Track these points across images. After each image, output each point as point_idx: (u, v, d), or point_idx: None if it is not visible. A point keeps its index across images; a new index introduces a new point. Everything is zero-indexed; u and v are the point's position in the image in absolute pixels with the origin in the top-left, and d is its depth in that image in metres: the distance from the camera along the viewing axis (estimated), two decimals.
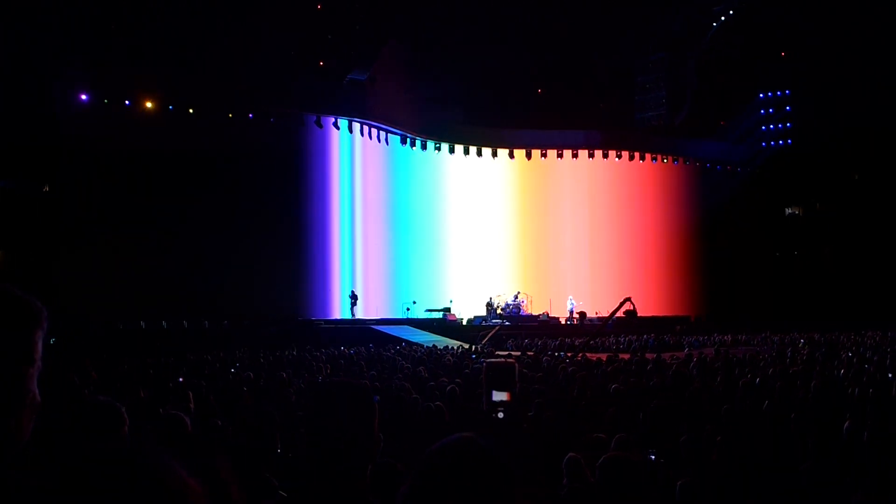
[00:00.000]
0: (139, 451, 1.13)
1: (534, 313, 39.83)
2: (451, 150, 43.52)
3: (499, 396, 8.44)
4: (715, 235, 47.09)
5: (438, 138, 42.78)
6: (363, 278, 38.21)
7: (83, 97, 29.68)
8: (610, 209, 46.08)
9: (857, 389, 10.52)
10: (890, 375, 13.19)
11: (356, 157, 38.78)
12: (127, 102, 30.59)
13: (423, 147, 42.34)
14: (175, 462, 1.14)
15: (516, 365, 9.40)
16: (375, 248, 39.69)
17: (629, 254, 45.58)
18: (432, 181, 43.06)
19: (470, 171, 44.71)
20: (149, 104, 30.92)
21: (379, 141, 39.93)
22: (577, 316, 38.16)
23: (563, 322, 38.16)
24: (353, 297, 35.77)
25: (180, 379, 13.30)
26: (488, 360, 10.86)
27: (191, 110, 31.53)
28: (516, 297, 39.40)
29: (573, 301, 39.17)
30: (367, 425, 2.28)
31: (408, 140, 41.35)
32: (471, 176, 44.72)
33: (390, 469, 4.21)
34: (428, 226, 42.49)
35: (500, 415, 8.35)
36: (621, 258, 45.31)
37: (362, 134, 38.57)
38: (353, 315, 35.19)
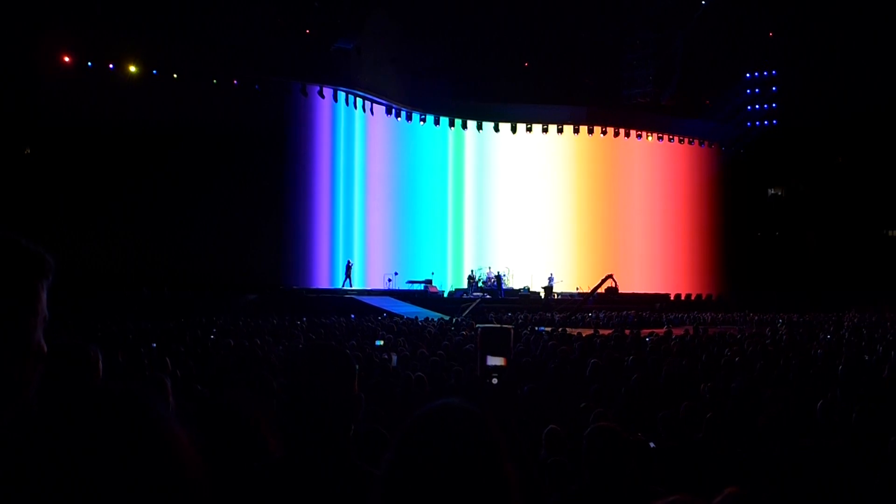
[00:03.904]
0: (129, 391, 1.12)
1: (515, 287, 39.92)
2: (437, 123, 43.38)
3: (494, 361, 8.40)
4: (697, 214, 47.29)
5: (424, 110, 42.61)
6: (344, 249, 38.12)
7: (66, 59, 29.34)
8: (594, 185, 46.11)
9: (839, 368, 10.60)
10: (866, 357, 13.31)
11: (341, 127, 38.58)
12: (111, 66, 30.25)
13: (409, 118, 42.16)
14: (164, 408, 1.13)
15: (512, 330, 9.37)
16: (360, 218, 39.61)
17: (611, 230, 45.71)
18: (418, 153, 42.93)
19: (455, 144, 44.66)
20: (132, 68, 30.60)
21: (364, 111, 39.76)
22: (543, 292, 38.15)
23: (542, 297, 38.22)
24: (349, 267, 35.81)
25: (153, 345, 13.27)
26: (483, 325, 10.85)
27: (175, 75, 31.25)
28: (498, 272, 39.41)
29: (552, 277, 39.24)
30: (345, 386, 2.27)
31: (393, 111, 41.19)
32: (456, 148, 44.68)
33: (374, 434, 4.21)
34: (412, 197, 42.39)
35: (495, 380, 8.31)
36: (604, 234, 45.43)
37: (347, 103, 38.39)
38: (350, 285, 35.24)
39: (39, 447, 1.04)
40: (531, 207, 45.06)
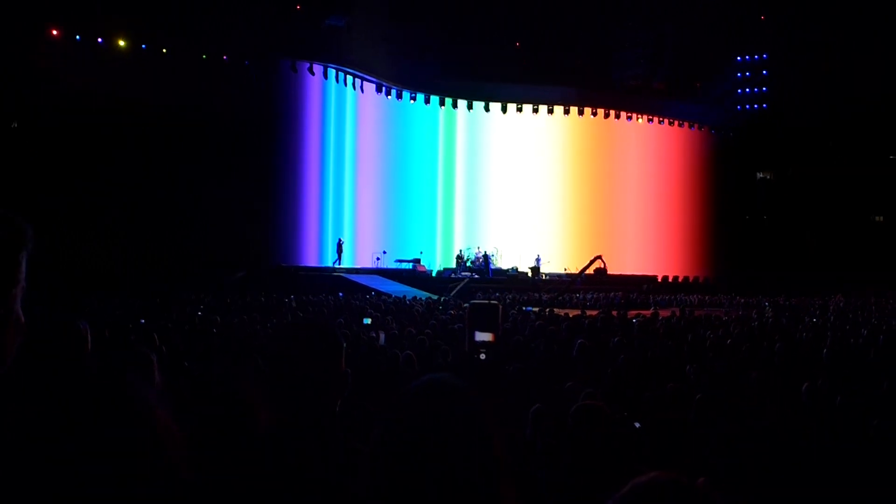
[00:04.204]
0: (113, 375, 1.11)
1: (503, 268, 39.97)
2: (427, 101, 43.26)
3: (482, 337, 8.39)
4: (686, 197, 47.40)
5: (414, 89, 42.47)
6: (334, 227, 38.07)
7: (54, 32, 29.09)
8: (584, 167, 46.10)
9: (823, 350, 10.68)
10: (851, 341, 13.39)
11: (331, 105, 38.43)
12: (99, 40, 30.02)
13: (399, 97, 42.03)
14: (147, 390, 1.13)
15: (500, 306, 9.37)
16: (350, 196, 39.55)
17: (600, 212, 45.74)
18: (408, 131, 42.84)
19: (446, 123, 44.61)
20: (121, 43, 30.38)
21: (354, 89, 39.61)
22: (529, 272, 38.23)
23: (529, 277, 38.23)
24: (340, 246, 35.84)
25: (142, 321, 13.26)
26: (472, 301, 10.83)
27: (164, 50, 31.06)
28: (485, 252, 39.41)
29: (540, 259, 39.29)
30: (332, 362, 2.27)
31: (383, 89, 41.06)
32: (447, 128, 44.63)
33: (361, 411, 4.22)
34: (402, 176, 42.32)
35: (483, 356, 8.31)
36: (593, 216, 45.47)
37: (337, 81, 38.24)
38: (340, 263, 35.26)
39: (18, 425, 1.04)
40: (521, 188, 45.03)
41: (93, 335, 3.23)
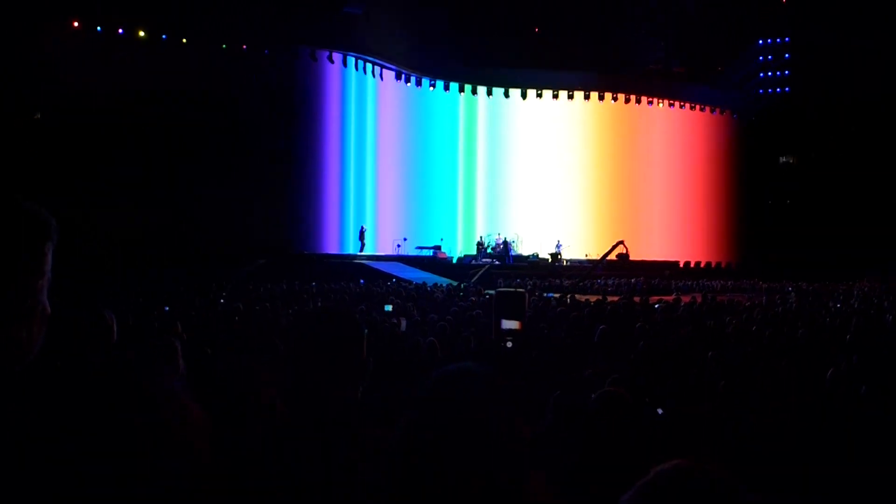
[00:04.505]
0: (137, 368, 1.12)
1: (524, 254, 39.93)
2: (446, 88, 43.20)
3: (509, 325, 8.38)
4: (708, 181, 47.15)
5: (433, 76, 42.44)
6: (356, 214, 38.16)
7: (75, 24, 29.24)
8: (604, 152, 45.93)
9: (846, 336, 10.60)
10: (876, 327, 13.28)
11: (351, 92, 38.47)
12: (120, 31, 30.15)
13: (418, 84, 41.99)
14: (172, 379, 1.13)
15: (526, 294, 9.34)
16: (371, 184, 39.61)
17: (622, 197, 45.59)
18: (429, 118, 42.81)
19: (467, 110, 44.55)
20: (141, 33, 30.51)
21: (373, 76, 39.61)
22: (550, 258, 38.20)
23: (551, 263, 38.17)
24: (362, 233, 35.97)
25: (166, 308, 13.33)
26: (498, 290, 10.82)
27: (184, 40, 31.17)
28: (506, 238, 39.36)
29: (560, 245, 39.23)
30: (353, 349, 2.28)
31: (402, 76, 41.04)
32: (468, 114, 44.57)
33: (384, 398, 4.23)
34: (423, 163, 42.31)
35: (509, 344, 8.30)
36: (614, 201, 45.33)
37: (357, 69, 38.25)
38: (362, 250, 35.39)
39: (44, 417, 1.04)
40: (542, 174, 44.94)
41: (118, 324, 3.26)
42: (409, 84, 41.55)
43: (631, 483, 1.26)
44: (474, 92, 44.19)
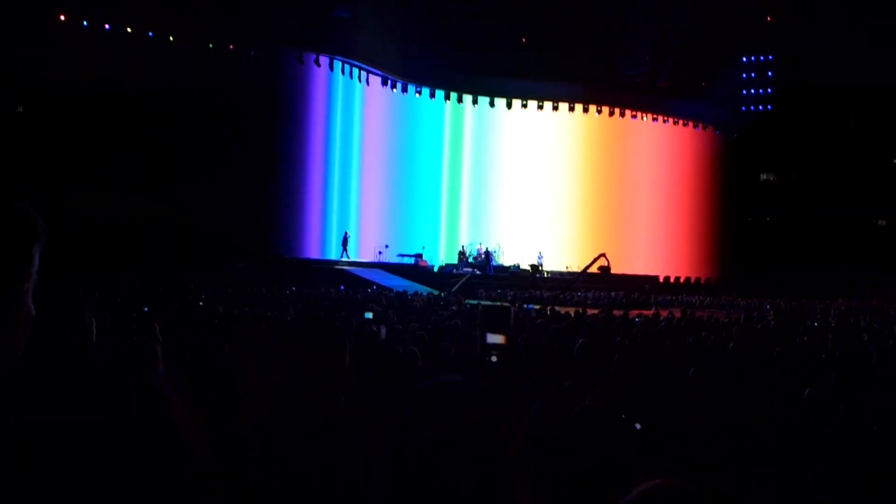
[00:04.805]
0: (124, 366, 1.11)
1: (505, 264, 39.96)
2: (432, 96, 43.24)
3: (494, 339, 8.40)
4: (690, 196, 47.38)
5: (420, 82, 42.47)
6: (339, 219, 38.11)
7: (61, 17, 29.09)
8: (588, 164, 46.07)
9: (822, 355, 10.67)
10: (852, 346, 13.37)
11: (337, 97, 38.47)
12: (107, 26, 30.01)
13: (405, 90, 42.01)
14: (160, 378, 1.12)
15: (512, 308, 9.36)
16: (354, 189, 39.58)
17: (603, 210, 45.69)
18: (414, 125, 42.83)
19: (453, 119, 44.61)
20: (129, 29, 30.38)
21: (360, 81, 39.61)
22: (530, 269, 38.23)
23: (530, 274, 38.23)
24: (346, 239, 35.92)
25: (144, 308, 13.25)
26: (484, 303, 10.87)
27: (171, 38, 31.07)
28: (487, 248, 39.36)
29: (542, 256, 39.31)
30: (336, 357, 2.28)
31: (389, 82, 41.05)
32: (454, 123, 44.63)
33: (365, 406, 4.23)
34: (407, 170, 42.31)
35: (494, 358, 8.32)
36: (596, 214, 45.44)
37: (343, 73, 38.25)
38: (347, 256, 35.32)
39: (33, 419, 1.03)
40: (526, 184, 45.01)
41: (97, 325, 3.23)
42: (395, 90, 41.57)
43: (611, 497, 1.26)
44: (460, 100, 44.29)
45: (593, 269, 30.14)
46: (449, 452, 1.41)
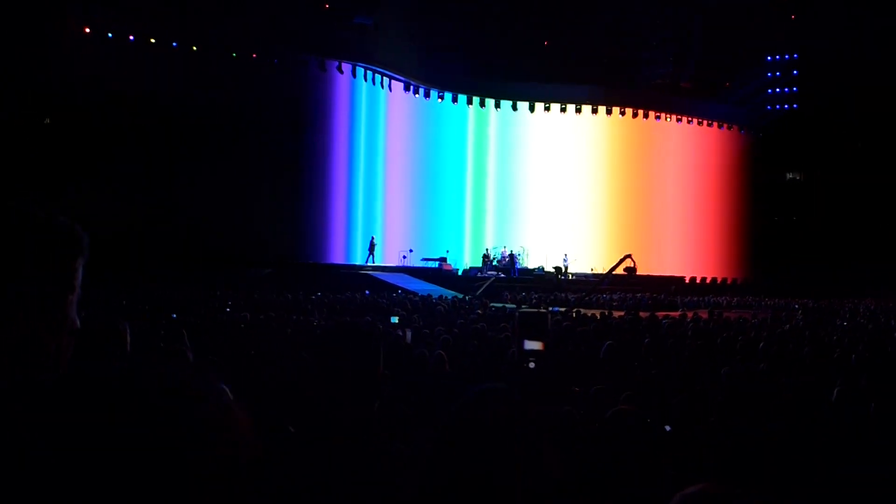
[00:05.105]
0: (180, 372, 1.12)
1: (529, 267, 39.87)
2: (455, 100, 43.26)
3: (531, 346, 8.39)
4: (715, 197, 47.11)
5: (442, 87, 42.49)
6: (364, 224, 38.21)
7: (86, 30, 29.36)
8: (612, 166, 45.92)
9: (853, 357, 10.58)
10: (883, 346, 13.24)
11: (361, 103, 38.57)
12: (131, 38, 30.24)
13: (427, 95, 42.06)
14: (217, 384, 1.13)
15: (549, 314, 9.34)
16: (379, 194, 39.65)
17: (628, 212, 45.51)
18: (438, 130, 42.87)
19: (477, 123, 44.62)
20: (152, 40, 30.60)
21: (382, 87, 39.70)
22: (554, 271, 38.06)
23: (555, 276, 38.08)
24: (372, 244, 35.99)
25: (173, 315, 13.34)
26: (521, 310, 10.84)
27: (194, 48, 31.28)
28: (511, 251, 39.27)
29: (567, 259, 39.21)
30: (370, 364, 2.30)
31: (411, 87, 41.12)
32: (477, 127, 44.64)
33: (398, 411, 4.24)
34: (431, 175, 42.35)
35: (532, 365, 8.31)
36: (620, 216, 45.26)
37: (365, 79, 38.34)
38: (373, 261, 35.38)
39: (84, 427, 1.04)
40: (550, 187, 44.93)
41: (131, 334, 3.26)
42: (417, 95, 41.62)
43: (644, 499, 1.26)
44: (482, 104, 44.27)
45: (619, 271, 30.05)
46: (488, 458, 1.42)
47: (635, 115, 46.03)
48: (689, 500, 1.17)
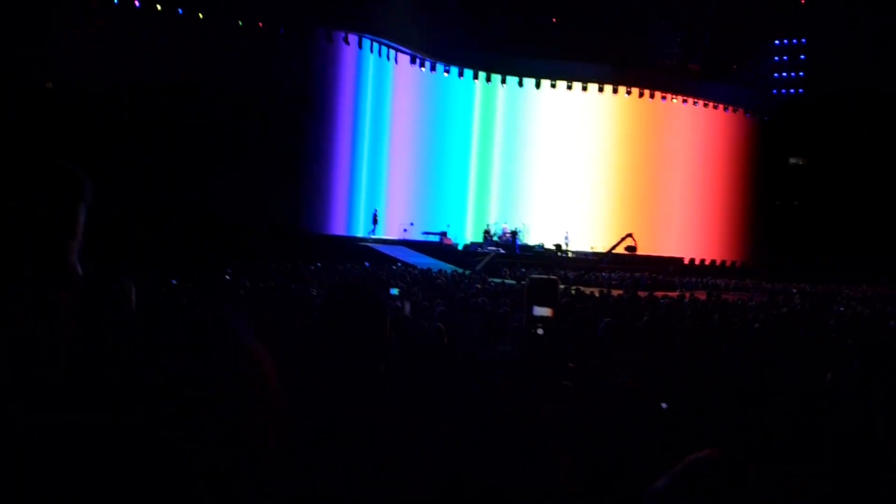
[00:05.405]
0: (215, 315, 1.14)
1: (529, 244, 39.86)
2: (461, 75, 43.08)
3: (540, 312, 8.40)
4: (718, 179, 47.03)
5: (448, 61, 42.31)
6: (368, 196, 38.15)
7: None
8: (617, 145, 45.77)
9: (848, 339, 10.62)
10: (877, 331, 13.29)
11: (368, 75, 38.38)
12: (136, 4, 30.06)
13: (433, 69, 41.90)
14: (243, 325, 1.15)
15: (559, 281, 9.34)
16: (382, 167, 39.56)
17: (631, 191, 45.42)
18: (444, 105, 42.71)
19: (484, 98, 44.48)
20: (158, 6, 30.43)
21: (388, 59, 39.52)
22: (555, 249, 38.05)
23: (555, 253, 38.07)
24: (375, 216, 36.02)
25: (173, 281, 13.36)
26: (532, 276, 10.82)
27: (200, 15, 31.11)
28: (515, 228, 39.21)
29: (568, 236, 39.20)
30: (377, 326, 2.30)
31: (417, 60, 40.94)
32: (484, 102, 44.50)
33: (403, 379, 4.27)
34: (435, 149, 42.24)
35: (540, 331, 8.33)
36: (624, 195, 45.18)
37: (372, 51, 38.17)
38: (374, 233, 35.42)
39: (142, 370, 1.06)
40: (554, 164, 44.82)
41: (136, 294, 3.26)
42: (423, 69, 41.45)
43: (643, 473, 1.28)
44: (488, 79, 44.07)
45: (619, 250, 30.00)
46: (499, 427, 1.42)
47: (641, 94, 45.85)
48: (697, 464, 1.19)
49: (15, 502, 1.03)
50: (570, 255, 38.10)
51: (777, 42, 48.61)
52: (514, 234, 38.47)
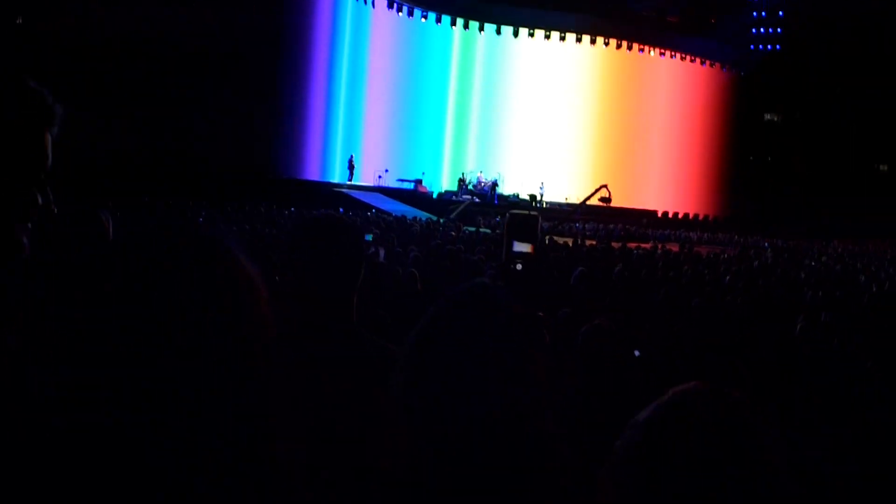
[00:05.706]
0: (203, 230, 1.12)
1: (505, 193, 39.79)
2: (438, 21, 42.62)
3: (520, 248, 8.38)
4: (693, 133, 47.08)
5: (427, 7, 41.80)
6: (344, 142, 37.89)
7: None
8: (595, 97, 45.64)
9: (819, 292, 10.74)
10: (847, 286, 13.46)
11: (346, 20, 37.89)
12: None
13: (410, 14, 41.40)
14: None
15: (540, 217, 9.31)
16: (358, 113, 39.23)
17: (607, 142, 45.36)
18: (421, 51, 42.28)
19: (460, 45, 44.06)
20: None
21: (366, 3, 38.98)
22: (529, 199, 38.01)
23: (529, 203, 38.02)
24: (351, 162, 35.77)
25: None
26: (512, 211, 10.78)
27: None
28: (494, 179, 39.10)
29: (543, 187, 39.12)
30: (350, 254, 2.26)
31: (395, 4, 40.44)
32: (459, 49, 44.09)
33: (378, 318, 4.26)
34: (412, 96, 41.89)
35: (519, 266, 8.31)
36: (599, 146, 45.14)
37: None
38: (351, 179, 35.20)
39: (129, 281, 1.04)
40: (531, 114, 44.63)
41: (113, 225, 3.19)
42: (401, 14, 40.96)
43: (622, 411, 1.27)
44: (466, 26, 43.63)
45: (594, 201, 30.11)
46: (477, 351, 1.40)
47: (619, 46, 45.65)
48: (681, 396, 1.17)
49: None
50: (544, 205, 38.08)
51: None
52: (493, 184, 38.36)
